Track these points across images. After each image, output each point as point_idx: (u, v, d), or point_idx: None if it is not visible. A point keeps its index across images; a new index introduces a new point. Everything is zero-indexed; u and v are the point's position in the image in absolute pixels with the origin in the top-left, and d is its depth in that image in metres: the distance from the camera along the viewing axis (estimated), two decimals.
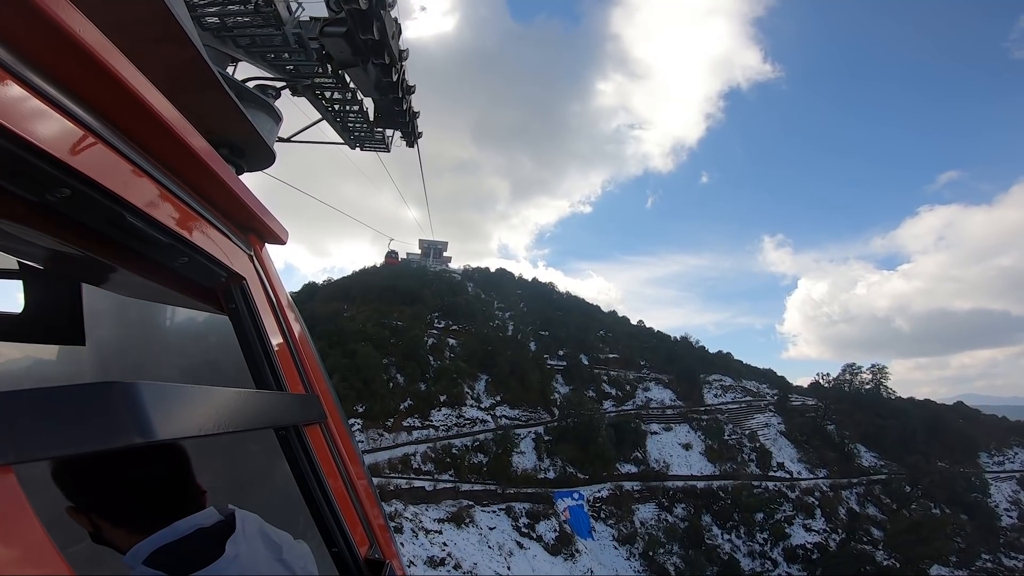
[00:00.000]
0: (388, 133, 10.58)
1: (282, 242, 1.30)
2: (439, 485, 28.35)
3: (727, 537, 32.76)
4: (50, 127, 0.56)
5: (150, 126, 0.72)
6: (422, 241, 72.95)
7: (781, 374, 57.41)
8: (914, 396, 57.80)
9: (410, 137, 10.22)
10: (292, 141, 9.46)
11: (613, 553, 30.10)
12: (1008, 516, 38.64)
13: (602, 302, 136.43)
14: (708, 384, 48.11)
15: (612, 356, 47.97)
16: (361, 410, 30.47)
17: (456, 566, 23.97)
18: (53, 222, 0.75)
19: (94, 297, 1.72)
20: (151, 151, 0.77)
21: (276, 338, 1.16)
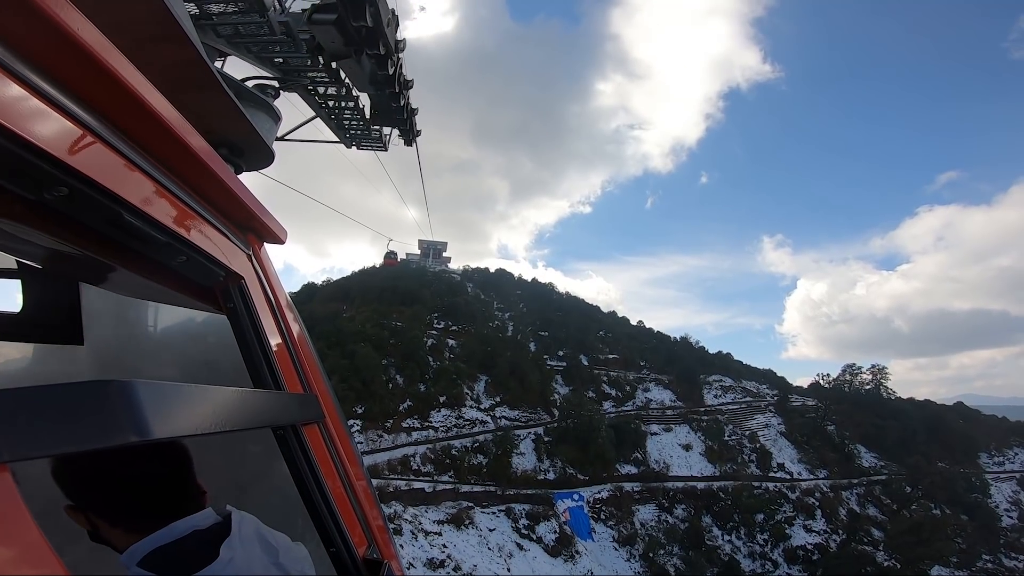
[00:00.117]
0: (385, 131, 10.15)
1: (281, 242, 1.30)
2: (439, 486, 28.30)
3: (727, 538, 32.72)
4: (49, 126, 0.56)
5: (149, 125, 0.72)
6: (421, 241, 72.89)
7: (781, 374, 57.41)
8: (914, 396, 57.96)
9: (408, 135, 9.81)
10: (285, 140, 9.03)
11: (613, 554, 30.07)
12: (1008, 516, 38.67)
13: (602, 302, 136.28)
14: (708, 385, 48.02)
15: (612, 357, 47.85)
16: (360, 411, 30.39)
17: (456, 568, 23.94)
18: (51, 221, 0.75)
19: (92, 296, 1.72)
20: (150, 150, 0.77)
21: (275, 338, 1.15)
